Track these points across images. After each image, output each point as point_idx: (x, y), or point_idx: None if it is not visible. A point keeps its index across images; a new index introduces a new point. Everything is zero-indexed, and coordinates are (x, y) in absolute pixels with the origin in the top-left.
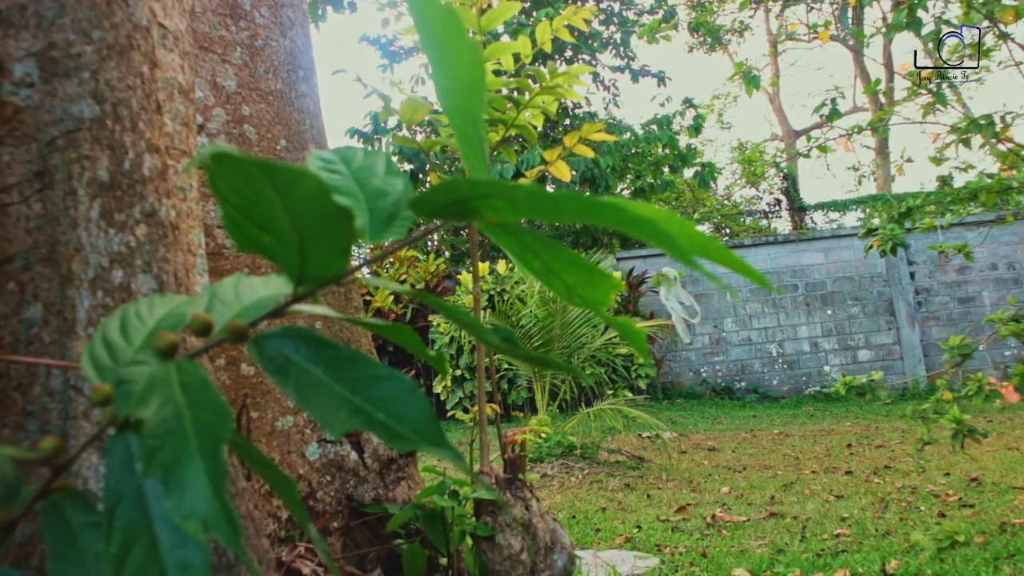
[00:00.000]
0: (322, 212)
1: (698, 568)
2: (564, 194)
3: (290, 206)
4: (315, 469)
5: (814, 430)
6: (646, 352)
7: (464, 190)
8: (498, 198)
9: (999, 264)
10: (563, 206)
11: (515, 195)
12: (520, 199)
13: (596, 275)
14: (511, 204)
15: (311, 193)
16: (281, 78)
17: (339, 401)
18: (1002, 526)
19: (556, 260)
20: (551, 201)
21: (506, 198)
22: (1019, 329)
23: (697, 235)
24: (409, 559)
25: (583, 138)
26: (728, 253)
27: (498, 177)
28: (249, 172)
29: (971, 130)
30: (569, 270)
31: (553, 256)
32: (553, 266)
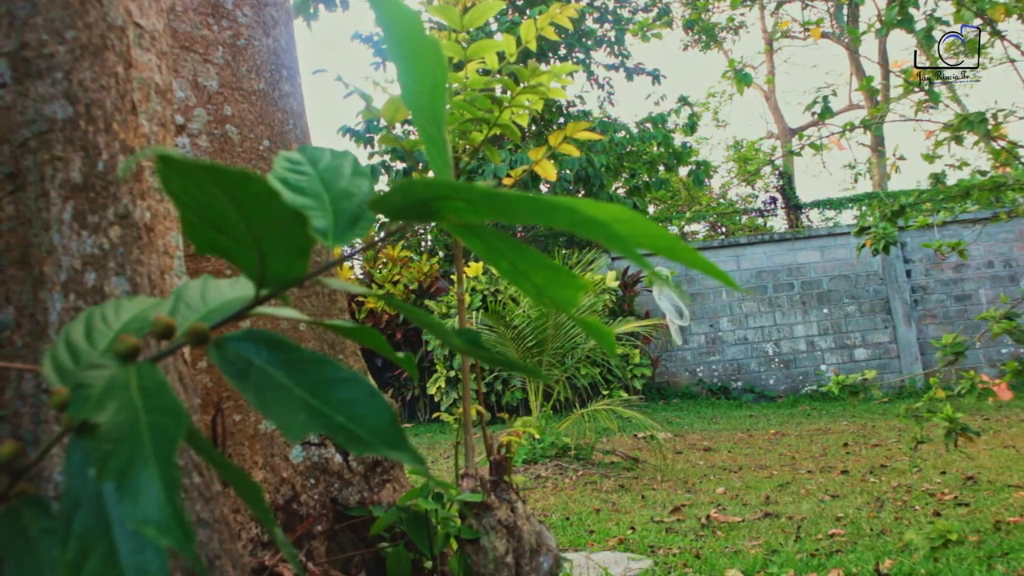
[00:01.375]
0: (274, 215)
1: (691, 569)
2: (517, 195)
3: (242, 209)
4: (299, 472)
5: (810, 429)
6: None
7: (422, 191)
8: (457, 199)
9: (995, 262)
10: (516, 207)
11: (470, 196)
12: (476, 200)
13: (563, 275)
14: (470, 205)
15: (260, 196)
16: (264, 77)
17: (299, 404)
18: (997, 524)
19: (523, 261)
20: (504, 202)
21: (464, 199)
22: (1011, 327)
23: (663, 236)
24: (393, 562)
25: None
26: (694, 254)
27: (492, 177)
28: (196, 176)
29: (964, 127)
30: (536, 271)
31: (520, 257)
32: (521, 267)
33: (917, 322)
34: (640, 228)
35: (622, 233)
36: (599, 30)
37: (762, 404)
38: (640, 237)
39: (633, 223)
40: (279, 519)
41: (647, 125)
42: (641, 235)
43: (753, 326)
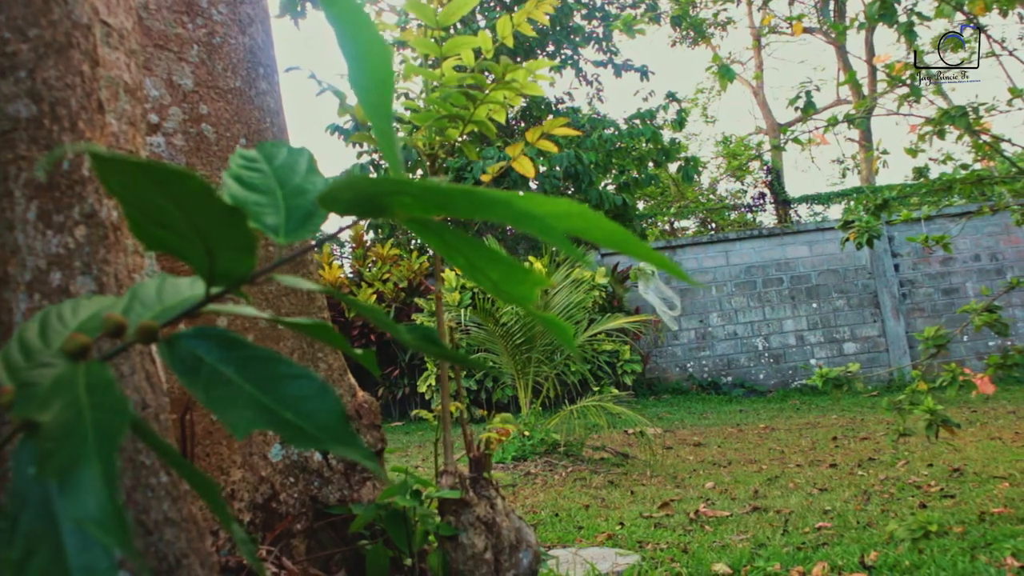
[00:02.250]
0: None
1: (678, 564)
2: (457, 189)
3: (181, 206)
4: (278, 471)
5: (800, 423)
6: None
7: (368, 187)
8: (404, 194)
9: (982, 255)
10: (457, 201)
11: (413, 190)
12: (419, 194)
13: (519, 271)
14: (415, 200)
15: (197, 193)
16: (240, 76)
17: (247, 401)
18: (981, 516)
19: (478, 256)
20: (445, 196)
21: (408, 194)
22: (992, 319)
23: (615, 230)
24: (372, 560)
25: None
26: (646, 248)
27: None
28: (133, 174)
29: (945, 121)
30: (492, 266)
31: (475, 253)
32: (476, 262)
33: (905, 316)
34: (592, 223)
35: (556, 226)
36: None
37: (752, 399)
38: (592, 232)
39: (584, 218)
40: (258, 518)
41: (635, 121)
42: (593, 230)
43: (743, 321)
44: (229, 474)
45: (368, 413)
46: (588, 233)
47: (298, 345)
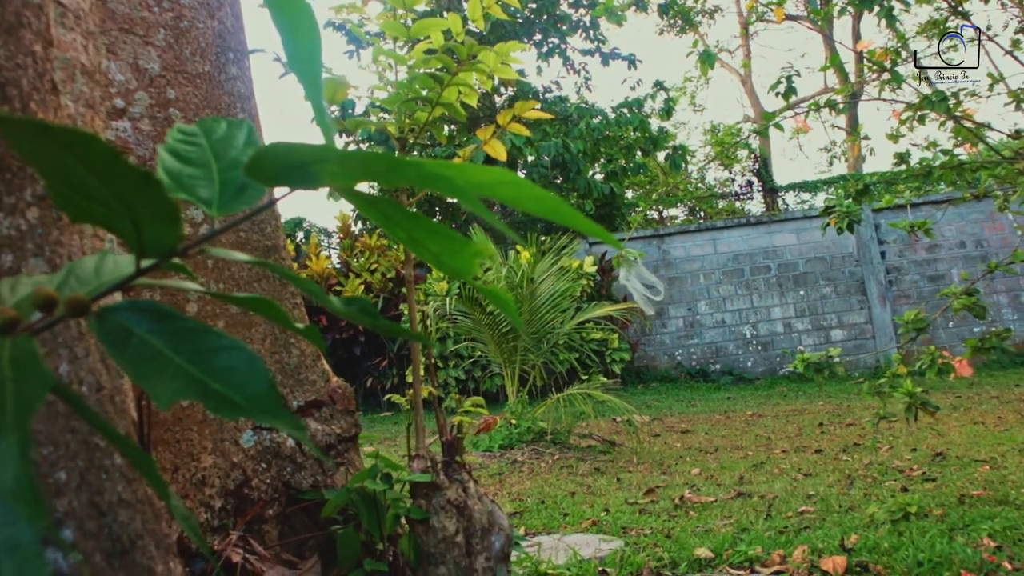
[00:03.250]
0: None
1: (661, 549)
2: (375, 155)
3: (94, 173)
4: (250, 457)
5: (787, 410)
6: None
7: (295, 155)
8: (329, 162)
9: (967, 242)
10: (373, 166)
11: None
12: (344, 162)
13: (458, 243)
14: (343, 168)
15: (105, 157)
16: (209, 60)
17: (175, 372)
18: (961, 498)
19: (418, 229)
20: (365, 162)
21: (334, 161)
22: (971, 303)
23: (547, 198)
24: (343, 544)
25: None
26: (577, 215)
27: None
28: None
29: (925, 106)
30: (432, 239)
31: (415, 225)
32: (416, 235)
33: (892, 303)
34: (523, 191)
35: (463, 186)
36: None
37: (740, 386)
38: (524, 200)
39: (515, 186)
40: (230, 504)
41: (623, 110)
42: (526, 198)
43: (731, 309)
44: (200, 460)
45: (341, 398)
46: (520, 202)
47: (270, 331)
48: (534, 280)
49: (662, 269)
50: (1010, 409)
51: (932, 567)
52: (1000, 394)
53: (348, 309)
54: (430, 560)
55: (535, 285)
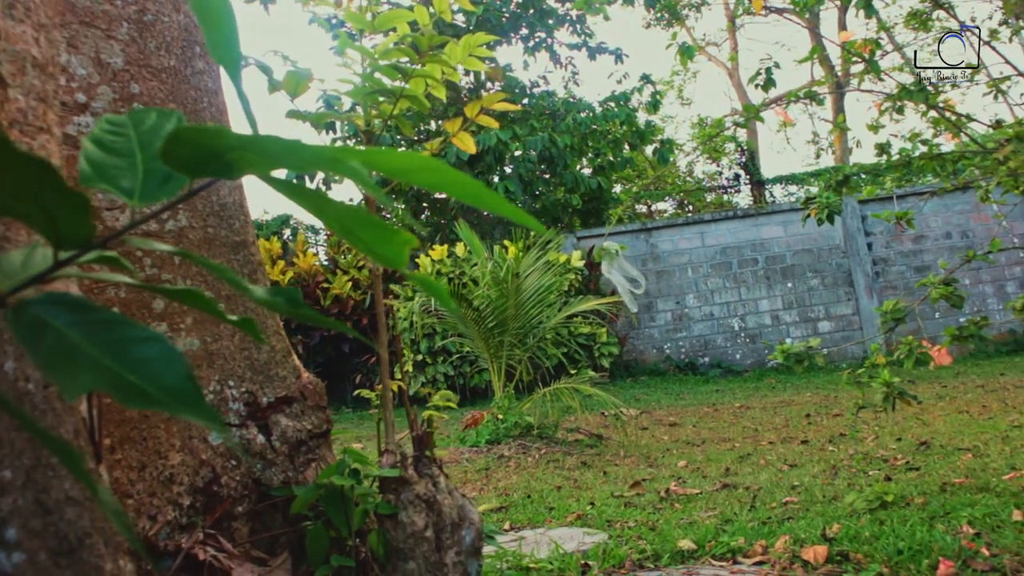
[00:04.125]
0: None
1: (645, 541)
2: (283, 142)
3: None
4: (219, 454)
5: (774, 402)
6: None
7: (209, 142)
8: (246, 150)
9: (953, 233)
10: (280, 154)
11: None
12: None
13: (388, 232)
14: (260, 156)
15: None
16: (175, 54)
17: (89, 364)
18: (943, 486)
19: (349, 218)
20: (274, 149)
21: (251, 149)
22: (948, 292)
23: (470, 184)
24: (312, 540)
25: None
26: (498, 199)
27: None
28: None
29: (904, 97)
30: (363, 228)
31: (346, 214)
32: (348, 225)
33: (879, 294)
34: (445, 177)
35: (357, 168)
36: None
37: (729, 379)
38: (446, 186)
39: (436, 172)
40: (199, 501)
41: (610, 104)
42: (448, 183)
43: (719, 302)
44: (167, 458)
45: (313, 394)
46: (442, 187)
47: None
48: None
49: (650, 263)
50: (994, 398)
51: (912, 555)
52: (985, 383)
53: (274, 299)
54: (399, 555)
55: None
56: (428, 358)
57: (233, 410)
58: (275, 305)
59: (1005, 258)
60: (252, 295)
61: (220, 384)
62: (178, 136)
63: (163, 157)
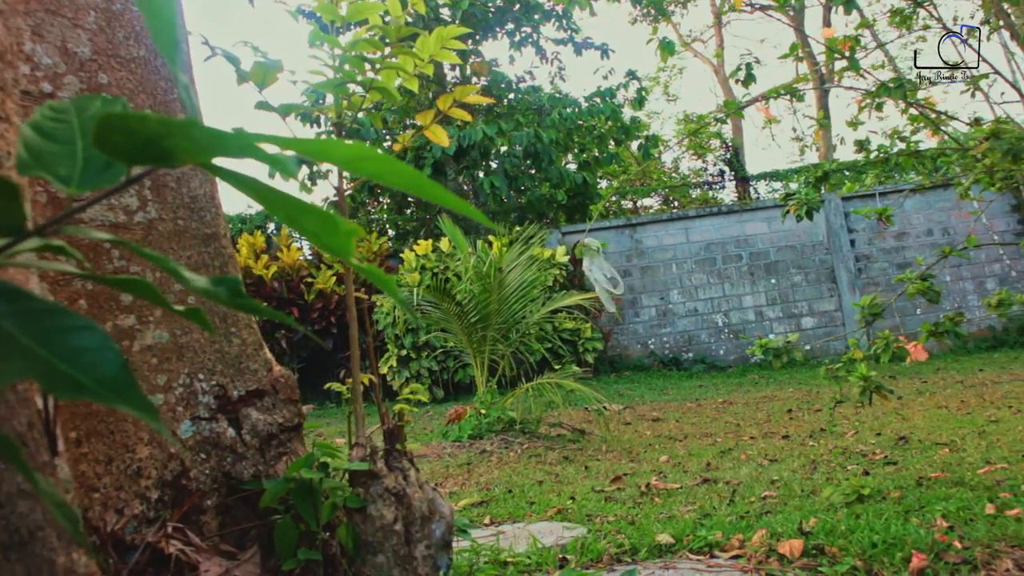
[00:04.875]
0: None
1: (623, 535)
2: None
3: None
4: (188, 447)
5: (757, 397)
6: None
7: (141, 128)
8: (180, 137)
9: (934, 230)
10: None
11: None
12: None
13: (334, 223)
14: (194, 144)
15: None
16: (145, 44)
17: (20, 353)
18: (919, 480)
19: (295, 209)
20: (185, 133)
21: (186, 137)
22: (925, 287)
23: (410, 174)
24: (280, 534)
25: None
26: (440, 190)
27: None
28: None
29: (882, 93)
30: (306, 217)
31: (291, 205)
32: (293, 215)
33: (861, 290)
34: (386, 167)
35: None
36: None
37: (712, 374)
38: (388, 176)
39: (379, 162)
40: (167, 495)
41: (596, 100)
42: (389, 173)
43: (703, 297)
44: (135, 451)
45: (284, 388)
46: (383, 177)
47: (211, 320)
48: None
49: (635, 258)
50: (973, 393)
51: (886, 548)
52: (964, 378)
53: (214, 289)
54: (368, 548)
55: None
56: (412, 353)
57: (203, 403)
58: (215, 295)
59: (985, 255)
60: (190, 285)
61: (190, 377)
62: (108, 122)
63: (96, 144)
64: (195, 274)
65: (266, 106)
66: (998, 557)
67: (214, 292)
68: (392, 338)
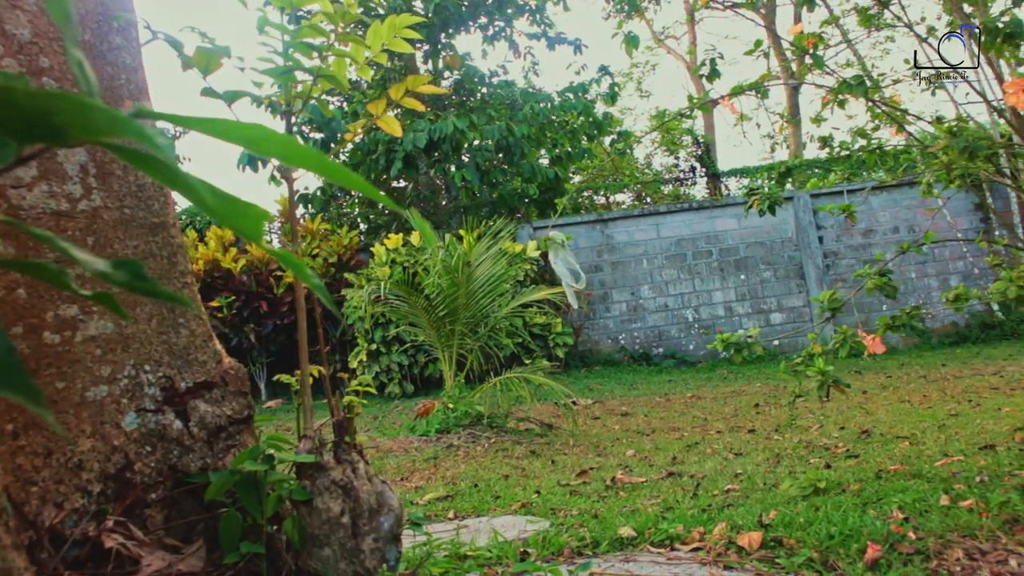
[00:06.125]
0: None
1: (586, 529)
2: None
3: None
4: (132, 440)
5: (725, 392)
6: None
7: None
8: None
9: (901, 227)
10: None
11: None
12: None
13: (242, 207)
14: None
15: None
16: (90, 29)
17: None
18: (878, 473)
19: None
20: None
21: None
22: (882, 283)
23: (313, 155)
24: (225, 526)
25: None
26: (343, 171)
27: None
28: None
29: (844, 90)
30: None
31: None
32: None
33: (829, 286)
34: (288, 149)
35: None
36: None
37: (682, 369)
38: (292, 157)
39: (283, 143)
40: (110, 488)
41: (568, 95)
42: (291, 155)
43: (673, 293)
44: (76, 444)
45: (234, 380)
46: (288, 158)
47: (157, 311)
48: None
49: (606, 253)
50: (935, 387)
51: (842, 539)
52: (927, 373)
53: (113, 272)
54: (314, 541)
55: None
56: (382, 347)
57: (149, 395)
58: (114, 278)
59: (949, 252)
60: (87, 267)
61: (135, 368)
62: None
63: None
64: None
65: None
66: (950, 547)
67: (111, 275)
68: (362, 332)
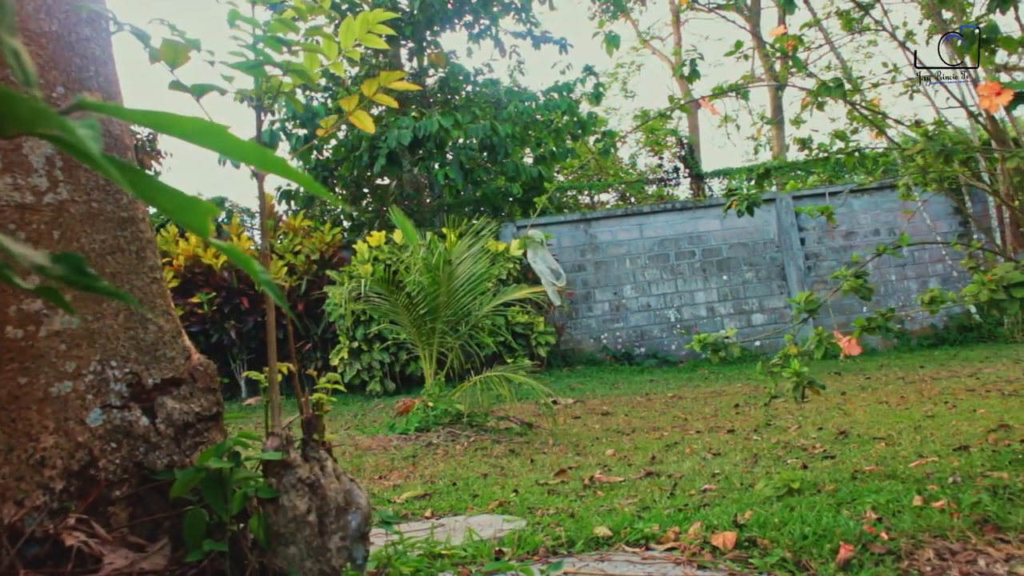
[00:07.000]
0: None
1: (562, 528)
2: (27, 102)
3: None
4: (97, 436)
5: (706, 392)
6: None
7: None
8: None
9: (881, 229)
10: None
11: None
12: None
13: (190, 203)
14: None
15: None
16: (57, 19)
17: None
18: (854, 474)
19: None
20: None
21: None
22: (858, 284)
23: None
24: (190, 524)
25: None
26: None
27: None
28: None
29: (823, 93)
30: (162, 196)
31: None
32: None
33: (810, 287)
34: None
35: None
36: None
37: (664, 369)
38: (230, 150)
39: (219, 136)
40: (73, 485)
41: (553, 94)
42: (229, 148)
43: (656, 293)
44: (39, 440)
45: (203, 376)
46: (226, 151)
47: (124, 306)
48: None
49: (589, 253)
50: (912, 389)
51: (816, 540)
52: (906, 375)
53: (52, 266)
54: (280, 540)
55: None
56: (364, 345)
57: (115, 391)
58: (51, 272)
59: (929, 255)
60: (23, 260)
61: (101, 364)
62: None
63: None
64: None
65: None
66: (921, 547)
67: (49, 269)
68: (344, 330)
